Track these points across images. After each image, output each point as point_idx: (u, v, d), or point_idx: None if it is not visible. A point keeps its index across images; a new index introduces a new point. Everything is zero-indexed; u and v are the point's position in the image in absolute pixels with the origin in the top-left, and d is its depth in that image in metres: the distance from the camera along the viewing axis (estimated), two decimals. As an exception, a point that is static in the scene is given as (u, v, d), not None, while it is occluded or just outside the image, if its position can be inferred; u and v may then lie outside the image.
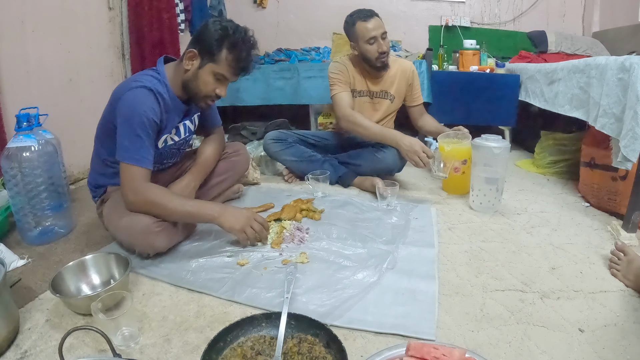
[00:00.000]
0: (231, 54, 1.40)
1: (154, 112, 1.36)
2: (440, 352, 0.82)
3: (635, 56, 1.49)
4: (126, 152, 1.32)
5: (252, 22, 3.83)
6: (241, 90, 3.03)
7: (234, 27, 1.41)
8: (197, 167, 1.62)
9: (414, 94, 2.24)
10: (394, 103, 2.21)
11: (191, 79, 1.43)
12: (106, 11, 2.54)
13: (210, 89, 1.44)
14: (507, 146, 1.74)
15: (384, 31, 2.02)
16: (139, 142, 1.33)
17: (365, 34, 1.99)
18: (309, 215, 1.74)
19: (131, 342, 1.00)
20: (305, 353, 0.92)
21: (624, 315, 1.09)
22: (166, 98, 1.42)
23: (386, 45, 2.02)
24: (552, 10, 3.61)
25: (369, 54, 2.02)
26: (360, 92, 2.17)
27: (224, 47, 1.39)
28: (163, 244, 1.38)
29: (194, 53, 1.40)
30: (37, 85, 2.06)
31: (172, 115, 1.48)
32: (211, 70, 1.41)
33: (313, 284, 1.24)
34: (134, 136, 1.32)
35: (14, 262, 1.37)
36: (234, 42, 1.39)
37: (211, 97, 1.47)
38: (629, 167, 1.45)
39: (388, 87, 2.17)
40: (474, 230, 1.63)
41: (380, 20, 2.03)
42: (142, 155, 1.34)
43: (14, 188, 1.50)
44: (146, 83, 1.37)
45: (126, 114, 1.33)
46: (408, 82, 2.20)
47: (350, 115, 2.02)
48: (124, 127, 1.33)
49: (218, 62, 1.40)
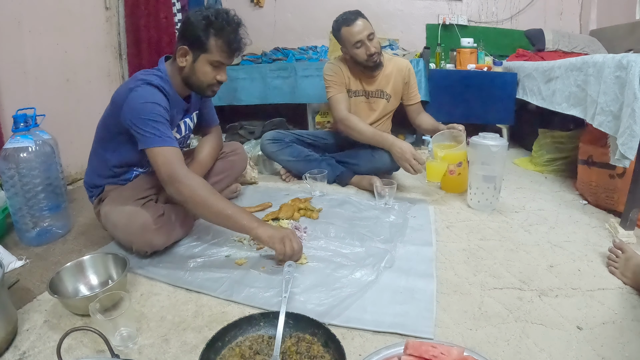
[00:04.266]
0: (220, 39, 1.40)
1: (165, 103, 1.38)
2: (439, 351, 0.83)
3: (633, 54, 1.49)
4: (151, 138, 1.31)
5: (250, 21, 3.82)
6: (239, 89, 3.02)
7: (214, 12, 1.40)
8: (194, 166, 1.62)
9: (410, 92, 2.24)
10: (391, 102, 2.21)
11: (190, 74, 1.45)
12: (103, 11, 2.53)
13: (211, 77, 1.45)
14: (505, 144, 1.74)
15: (370, 32, 1.99)
16: (160, 127, 1.33)
17: (351, 38, 1.98)
18: (307, 214, 1.74)
19: (129, 343, 1.00)
20: (304, 352, 0.92)
21: (622, 313, 1.09)
22: (170, 94, 1.44)
23: (374, 45, 2.00)
24: (550, 9, 3.60)
25: (358, 58, 2.02)
26: (356, 92, 2.16)
27: (211, 35, 1.39)
28: (161, 241, 1.38)
29: (185, 49, 1.41)
30: (34, 85, 2.06)
31: (175, 112, 1.50)
32: (206, 60, 1.42)
33: (311, 283, 1.24)
34: (152, 123, 1.32)
35: (12, 263, 1.37)
36: (219, 27, 1.39)
37: (214, 84, 1.48)
38: (627, 165, 1.45)
39: (384, 87, 2.17)
40: (472, 229, 1.63)
41: (366, 21, 2.00)
42: (167, 136, 1.34)
43: (11, 189, 1.50)
44: (151, 80, 1.39)
45: (138, 109, 1.33)
46: (404, 80, 2.19)
47: (345, 119, 2.01)
48: (139, 121, 1.32)
49: (210, 51, 1.40)
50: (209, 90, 1.50)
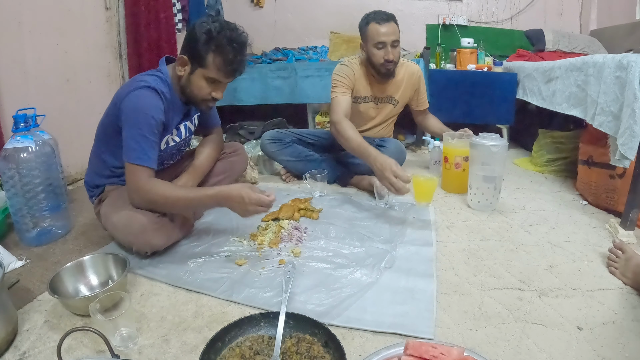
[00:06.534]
0: (219, 57, 1.36)
1: (159, 111, 1.36)
2: (439, 351, 0.82)
3: (633, 54, 1.49)
4: (133, 152, 1.32)
5: (250, 22, 3.86)
6: (239, 89, 3.02)
7: (218, 28, 1.34)
8: (194, 167, 1.62)
9: (420, 98, 2.24)
10: (397, 107, 2.21)
11: (186, 85, 1.43)
12: (103, 11, 2.53)
13: (205, 92, 1.43)
14: (505, 144, 1.74)
15: (396, 39, 1.96)
16: (145, 142, 1.33)
17: (375, 36, 1.94)
18: (307, 214, 1.74)
19: (129, 343, 1.00)
20: (304, 352, 0.92)
21: (623, 313, 1.09)
22: (169, 97, 1.42)
23: (395, 54, 1.96)
24: (550, 9, 3.60)
25: (374, 58, 1.98)
26: (365, 98, 2.14)
27: (210, 51, 1.35)
28: (161, 242, 1.38)
29: (184, 59, 1.39)
30: (34, 85, 2.06)
31: (173, 115, 1.48)
32: (202, 75, 1.39)
33: (311, 283, 1.24)
34: (140, 136, 1.32)
35: (12, 264, 1.37)
36: (219, 45, 1.34)
37: (208, 100, 1.46)
38: (627, 165, 1.45)
39: (394, 93, 2.16)
40: (472, 229, 1.63)
41: (396, 28, 1.97)
42: (148, 156, 1.33)
43: (11, 189, 1.50)
44: (150, 82, 1.37)
45: (131, 114, 1.32)
46: (414, 87, 2.19)
47: (338, 123, 1.91)
48: (129, 127, 1.32)
49: (207, 66, 1.37)
50: (203, 105, 1.48)
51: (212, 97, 1.45)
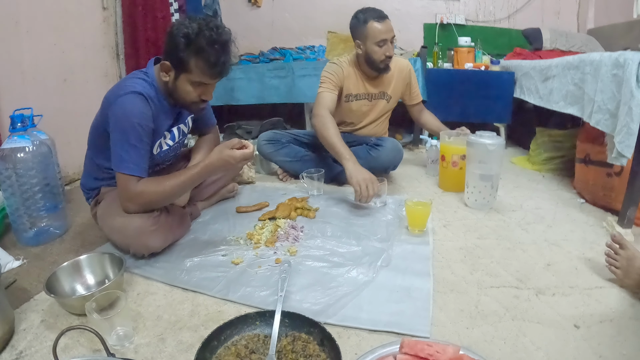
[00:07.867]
0: (201, 61, 1.30)
1: (146, 118, 1.33)
2: (434, 349, 0.82)
3: (630, 52, 1.49)
4: (121, 161, 1.30)
5: (247, 21, 3.86)
6: (236, 89, 3.02)
7: (196, 29, 1.27)
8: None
9: (412, 92, 2.24)
10: (390, 103, 2.21)
11: (172, 90, 1.39)
12: (100, 11, 2.53)
13: (193, 96, 1.39)
14: (502, 143, 1.74)
15: (394, 35, 2.00)
16: (133, 151, 1.31)
17: (377, 35, 1.95)
18: (304, 213, 1.74)
19: (125, 342, 1.00)
20: (299, 351, 0.92)
21: (620, 311, 1.09)
22: (157, 102, 1.39)
23: (391, 49, 2.00)
24: (547, 8, 3.60)
25: (375, 56, 1.99)
26: (357, 95, 2.14)
27: (191, 55, 1.29)
28: (157, 244, 1.38)
29: (167, 65, 1.34)
30: (31, 85, 2.06)
31: (163, 119, 1.45)
32: (187, 79, 1.35)
33: (307, 282, 1.24)
34: (128, 145, 1.30)
35: (9, 263, 1.37)
36: (200, 48, 1.28)
37: (198, 102, 1.42)
38: (624, 163, 1.46)
39: (385, 88, 2.17)
40: (469, 227, 1.63)
41: (391, 24, 1.99)
42: (137, 164, 1.31)
43: (8, 189, 1.50)
44: (136, 87, 1.33)
45: (119, 122, 1.30)
46: (405, 81, 2.19)
47: (322, 117, 1.91)
48: (117, 136, 1.30)
49: (190, 71, 1.32)
50: (193, 107, 1.45)
51: (201, 99, 1.41)
